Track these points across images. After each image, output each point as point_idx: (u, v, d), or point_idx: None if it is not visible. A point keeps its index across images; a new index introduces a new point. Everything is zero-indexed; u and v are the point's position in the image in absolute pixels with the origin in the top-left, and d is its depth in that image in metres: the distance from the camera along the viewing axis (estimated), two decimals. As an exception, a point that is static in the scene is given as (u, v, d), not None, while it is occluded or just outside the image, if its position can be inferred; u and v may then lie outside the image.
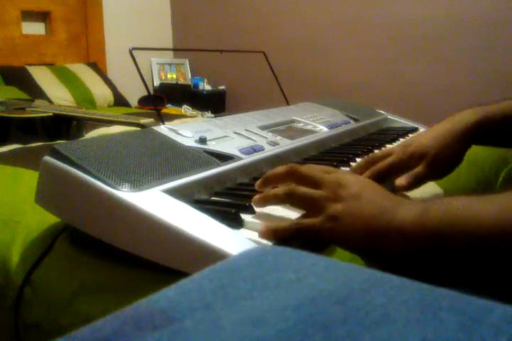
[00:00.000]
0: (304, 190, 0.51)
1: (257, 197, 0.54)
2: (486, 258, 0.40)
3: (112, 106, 2.67)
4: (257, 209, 0.55)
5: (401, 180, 0.65)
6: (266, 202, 0.54)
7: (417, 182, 0.66)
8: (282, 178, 0.54)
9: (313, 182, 0.51)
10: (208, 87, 3.16)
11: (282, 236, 0.49)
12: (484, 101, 0.71)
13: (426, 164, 0.67)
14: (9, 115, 1.42)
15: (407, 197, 0.65)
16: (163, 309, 0.24)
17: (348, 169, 0.74)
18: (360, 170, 0.69)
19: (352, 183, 0.50)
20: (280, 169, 0.54)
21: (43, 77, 2.48)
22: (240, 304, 0.24)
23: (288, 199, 0.52)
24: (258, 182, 0.56)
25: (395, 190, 0.64)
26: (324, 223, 0.47)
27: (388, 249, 0.45)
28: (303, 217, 0.54)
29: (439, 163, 0.67)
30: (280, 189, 0.52)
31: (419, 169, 0.66)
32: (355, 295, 0.24)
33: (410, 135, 1.13)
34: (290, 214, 0.55)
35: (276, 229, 0.49)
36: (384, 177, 0.67)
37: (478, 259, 0.40)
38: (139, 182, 0.54)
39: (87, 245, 0.58)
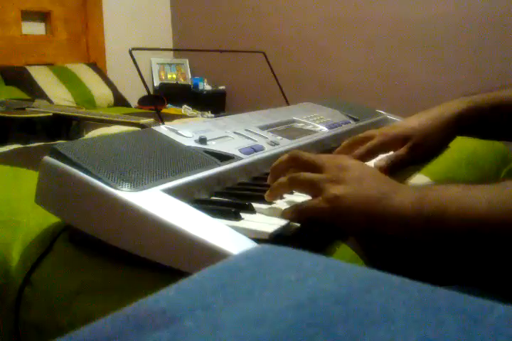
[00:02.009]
0: (305, 174, 0.52)
1: (267, 192, 0.56)
2: (477, 243, 0.42)
3: (111, 106, 2.66)
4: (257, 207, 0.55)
5: (381, 162, 0.65)
6: (276, 193, 0.55)
7: (397, 165, 0.66)
8: (287, 167, 0.56)
9: (316, 167, 0.53)
10: (208, 87, 3.16)
11: (289, 219, 0.51)
12: (476, 91, 0.71)
13: (408, 147, 0.67)
14: (9, 115, 1.42)
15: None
16: (163, 309, 0.24)
17: None
18: (342, 153, 0.69)
19: (353, 167, 0.51)
20: (283, 157, 0.56)
21: (43, 77, 2.48)
22: (240, 304, 0.24)
23: (292, 186, 0.53)
24: (268, 177, 0.58)
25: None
26: (324, 203, 0.49)
27: (386, 231, 0.47)
28: None
29: (421, 147, 0.67)
30: (284, 177, 0.54)
31: (400, 152, 0.67)
32: (356, 295, 0.24)
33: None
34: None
35: (282, 215, 0.51)
36: (366, 160, 0.67)
37: (470, 244, 0.42)
38: (139, 181, 0.54)
39: (87, 245, 0.58)
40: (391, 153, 0.69)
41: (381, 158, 0.67)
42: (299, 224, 0.52)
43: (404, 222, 0.45)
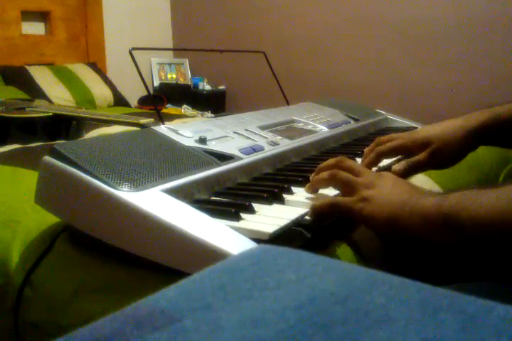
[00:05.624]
0: (345, 174, 0.58)
1: (307, 185, 0.62)
2: (488, 241, 0.44)
3: (111, 106, 2.66)
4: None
5: (398, 166, 0.70)
6: (316, 186, 0.62)
7: (414, 169, 0.70)
8: (331, 168, 0.61)
9: (356, 173, 0.58)
10: (208, 87, 3.16)
11: (320, 210, 0.55)
12: (496, 102, 0.72)
13: (428, 153, 0.69)
14: (9, 115, 1.42)
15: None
16: (163, 309, 0.24)
17: None
18: (368, 152, 0.74)
19: (389, 177, 0.57)
20: (330, 160, 0.62)
21: (42, 77, 2.48)
22: (240, 304, 0.24)
23: (331, 181, 0.59)
24: (313, 174, 0.64)
25: None
26: (356, 203, 0.54)
27: (408, 228, 0.50)
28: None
29: (441, 154, 0.70)
30: (325, 172, 0.60)
31: (419, 157, 0.70)
32: (355, 295, 0.24)
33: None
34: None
35: (313, 206, 0.55)
36: (384, 158, 0.73)
37: (482, 241, 0.45)
38: (138, 182, 0.54)
39: (87, 245, 0.58)
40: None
41: (398, 163, 0.70)
42: (297, 225, 0.53)
43: (426, 220, 0.48)
